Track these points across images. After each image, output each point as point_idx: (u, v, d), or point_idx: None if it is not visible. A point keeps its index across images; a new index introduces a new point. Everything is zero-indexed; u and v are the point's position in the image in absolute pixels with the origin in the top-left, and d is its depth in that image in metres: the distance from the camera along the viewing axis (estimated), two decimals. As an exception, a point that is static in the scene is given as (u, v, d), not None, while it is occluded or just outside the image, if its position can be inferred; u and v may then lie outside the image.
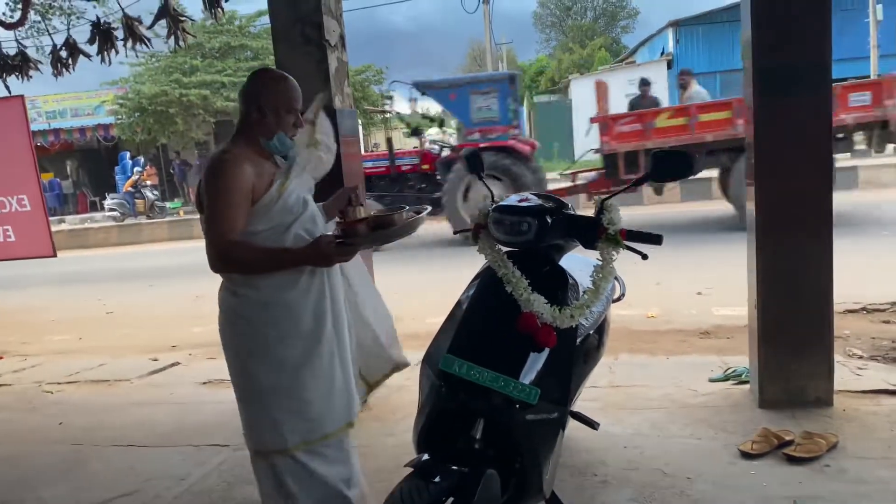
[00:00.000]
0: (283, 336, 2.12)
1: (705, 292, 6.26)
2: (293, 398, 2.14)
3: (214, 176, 2.06)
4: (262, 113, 2.14)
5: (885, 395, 3.48)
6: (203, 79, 20.96)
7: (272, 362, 2.13)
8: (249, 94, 2.16)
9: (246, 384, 2.18)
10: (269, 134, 2.16)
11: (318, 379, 2.17)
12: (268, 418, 2.15)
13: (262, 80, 2.19)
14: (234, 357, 2.19)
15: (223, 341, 2.22)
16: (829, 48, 3.18)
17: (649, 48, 30.09)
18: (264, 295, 2.11)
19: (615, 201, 2.19)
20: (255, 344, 2.13)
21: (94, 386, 5.00)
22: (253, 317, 2.13)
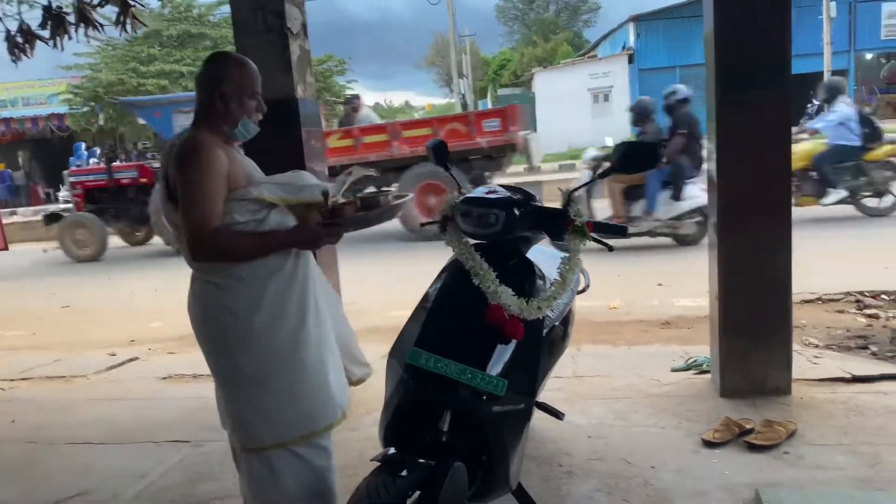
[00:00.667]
0: (271, 325, 2.05)
1: (666, 283, 6.34)
2: (286, 391, 2.07)
3: (188, 162, 1.97)
4: (224, 101, 2.07)
5: (841, 383, 3.57)
6: (161, 68, 20.56)
7: (260, 353, 2.05)
8: (208, 81, 2.09)
9: (234, 379, 2.10)
10: (233, 122, 2.10)
11: (310, 369, 2.11)
12: (262, 414, 2.07)
13: (220, 65, 2.11)
14: (217, 352, 2.10)
15: (204, 337, 2.13)
16: (788, 46, 3.23)
17: (611, 42, 30.39)
18: (249, 285, 2.04)
19: (582, 193, 2.20)
20: (242, 336, 2.05)
21: (48, 382, 4.86)
22: (238, 308, 2.04)
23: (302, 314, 2.10)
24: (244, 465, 2.19)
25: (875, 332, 4.55)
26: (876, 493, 2.51)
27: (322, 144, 4.17)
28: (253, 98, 2.13)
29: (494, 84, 39.85)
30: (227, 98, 2.07)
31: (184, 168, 1.98)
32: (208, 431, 3.57)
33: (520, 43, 48.74)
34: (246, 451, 2.15)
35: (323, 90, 23.21)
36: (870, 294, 5.39)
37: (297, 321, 2.09)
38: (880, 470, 2.69)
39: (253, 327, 2.04)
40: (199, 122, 2.10)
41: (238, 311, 2.04)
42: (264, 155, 2.48)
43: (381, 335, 5.33)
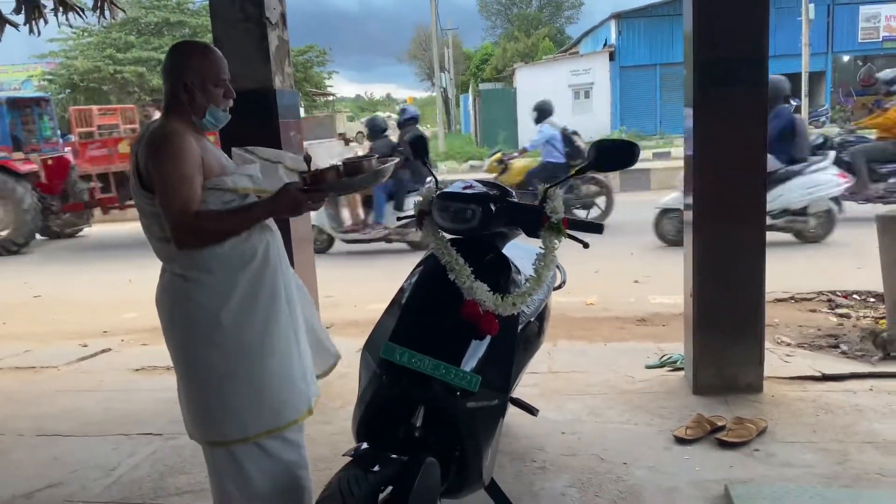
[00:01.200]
0: (239, 320, 2.02)
1: (642, 280, 6.39)
2: (253, 385, 2.05)
3: (161, 151, 1.94)
4: (188, 91, 2.04)
5: (811, 381, 3.62)
6: (139, 55, 20.30)
7: (228, 346, 2.02)
8: (172, 72, 2.05)
9: (200, 374, 2.06)
10: (200, 112, 2.07)
11: (277, 363, 2.08)
12: (227, 407, 2.04)
13: (183, 55, 2.08)
14: (183, 346, 2.07)
15: (170, 329, 2.10)
16: (766, 44, 3.26)
17: (592, 39, 30.50)
18: (218, 278, 2.01)
19: (559, 190, 2.20)
20: (209, 330, 2.02)
21: (18, 373, 4.78)
22: (206, 301, 2.01)
23: (271, 308, 2.08)
24: (209, 459, 2.16)
25: (846, 331, 4.62)
26: (843, 491, 2.55)
27: (300, 135, 4.14)
28: (219, 86, 2.08)
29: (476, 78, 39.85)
30: (191, 88, 2.04)
31: (157, 157, 1.95)
32: (180, 424, 3.45)
33: (502, 38, 48.72)
34: (210, 444, 2.12)
35: (303, 81, 23.05)
36: (841, 294, 5.47)
37: (265, 315, 2.06)
38: (848, 468, 2.73)
39: (221, 321, 2.01)
40: (169, 113, 2.07)
41: (206, 305, 2.02)
42: (241, 144, 2.45)
43: (358, 329, 5.32)
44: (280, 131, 3.71)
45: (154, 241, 2.08)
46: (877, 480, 2.63)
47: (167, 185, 1.93)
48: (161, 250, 2.07)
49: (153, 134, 2.00)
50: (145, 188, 2.00)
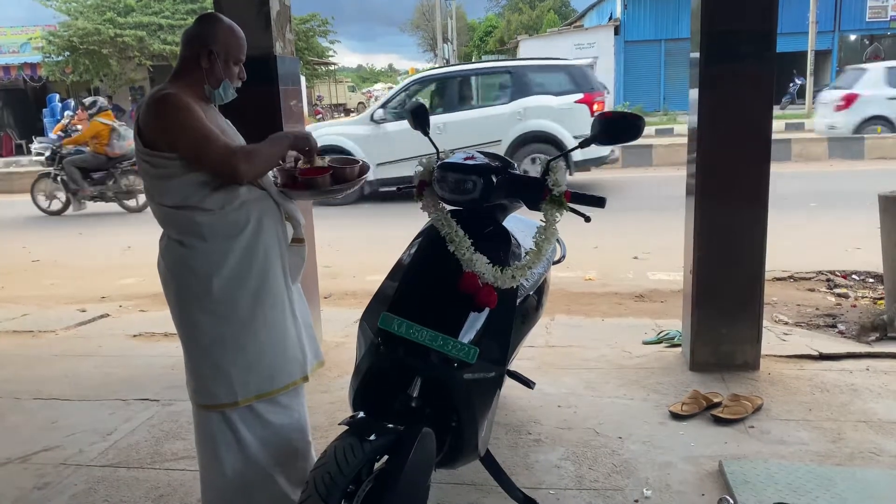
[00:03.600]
0: (230, 287, 2.05)
1: (641, 257, 6.38)
2: (243, 349, 2.07)
3: (176, 110, 1.97)
4: (210, 59, 2.08)
5: (808, 359, 3.62)
6: (139, 20, 20.04)
7: (219, 313, 2.05)
8: (199, 38, 2.08)
9: (192, 337, 2.10)
10: (216, 82, 2.11)
11: (270, 329, 2.11)
12: (217, 371, 2.08)
13: (215, 26, 2.11)
14: (179, 309, 2.11)
15: (167, 294, 2.14)
16: (775, 18, 3.21)
17: (598, 13, 30.12)
18: (211, 244, 2.03)
19: (561, 162, 2.17)
20: (202, 294, 2.05)
21: (16, 337, 4.79)
22: (199, 267, 2.04)
23: (263, 275, 2.09)
24: (199, 422, 2.18)
25: (844, 311, 4.62)
26: (836, 469, 2.56)
27: (300, 103, 4.09)
28: (237, 64, 2.15)
29: (479, 50, 39.46)
30: (215, 57, 2.08)
31: (171, 119, 1.97)
32: (177, 390, 3.54)
33: (506, 9, 48.16)
34: (203, 407, 2.14)
35: (304, 50, 22.81)
36: (840, 273, 5.47)
37: (258, 282, 2.08)
38: (842, 446, 2.74)
39: (212, 288, 2.03)
40: (178, 78, 2.09)
41: (199, 271, 2.04)
42: (241, 112, 2.44)
43: (356, 299, 5.33)
44: (280, 98, 3.67)
45: (153, 204, 2.10)
46: (870, 459, 2.64)
47: (196, 140, 1.97)
48: (159, 214, 2.10)
49: (157, 96, 2.01)
50: (147, 146, 2.01)
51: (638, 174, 12.24)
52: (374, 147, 9.92)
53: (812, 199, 8.72)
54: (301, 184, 2.16)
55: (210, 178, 2.01)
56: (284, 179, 2.20)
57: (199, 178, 2.00)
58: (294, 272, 2.23)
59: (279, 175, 2.22)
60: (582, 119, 9.33)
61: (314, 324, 2.63)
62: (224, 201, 2.03)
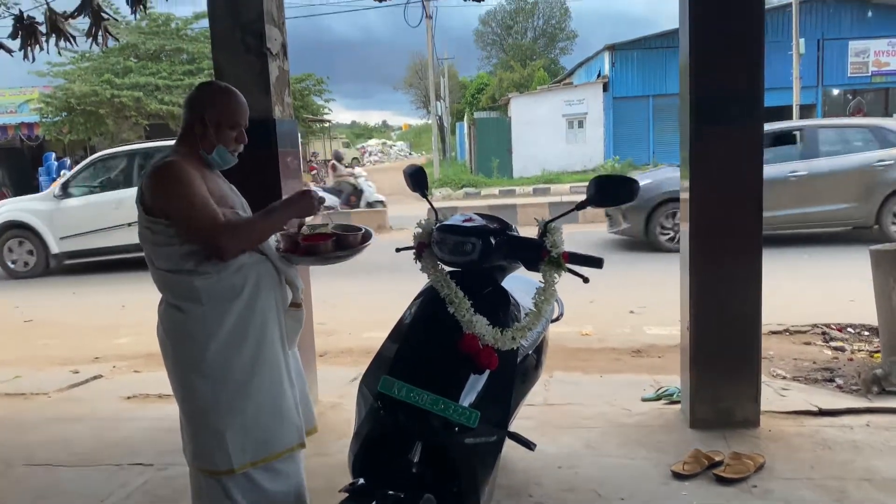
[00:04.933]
0: (228, 350, 2.05)
1: (637, 311, 6.39)
2: (240, 414, 2.07)
3: (167, 178, 2.02)
4: (203, 126, 2.13)
5: (808, 415, 3.60)
6: (136, 80, 20.33)
7: (215, 377, 2.05)
8: (193, 106, 2.15)
9: (190, 401, 2.10)
10: (209, 147, 2.15)
11: (266, 394, 2.11)
12: (214, 436, 2.07)
13: (206, 92, 2.18)
14: (176, 374, 2.12)
15: (165, 358, 2.15)
16: (761, 81, 3.30)
17: (586, 70, 30.80)
18: (209, 309, 2.05)
19: (559, 224, 2.20)
20: (198, 359, 2.05)
21: (8, 400, 4.73)
22: (196, 331, 2.06)
23: (260, 339, 2.11)
24: (194, 482, 2.17)
25: (841, 364, 4.62)
26: (842, 529, 2.53)
27: (298, 163, 4.15)
28: (234, 129, 2.17)
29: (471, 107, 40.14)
30: (206, 123, 2.12)
31: (165, 185, 2.02)
32: (173, 455, 3.48)
33: (497, 67, 49.24)
34: (200, 470, 2.13)
35: (300, 108, 23.15)
36: (836, 326, 5.48)
37: (255, 346, 2.09)
38: (846, 505, 2.71)
39: (209, 354, 2.04)
40: (180, 144, 2.16)
41: (196, 336, 2.06)
42: (241, 174, 2.46)
43: (352, 357, 5.30)
44: (279, 160, 3.73)
45: (152, 269, 2.13)
46: (875, 518, 2.62)
47: (186, 209, 2.00)
48: (157, 278, 2.13)
49: (158, 164, 2.06)
50: (148, 213, 2.05)
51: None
52: (58, 221, 10.55)
53: (804, 250, 8.79)
54: (303, 249, 2.19)
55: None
56: (287, 245, 2.22)
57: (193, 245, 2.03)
58: (291, 337, 2.24)
59: (281, 240, 2.24)
60: None
61: (310, 383, 2.63)
62: (221, 265, 2.05)
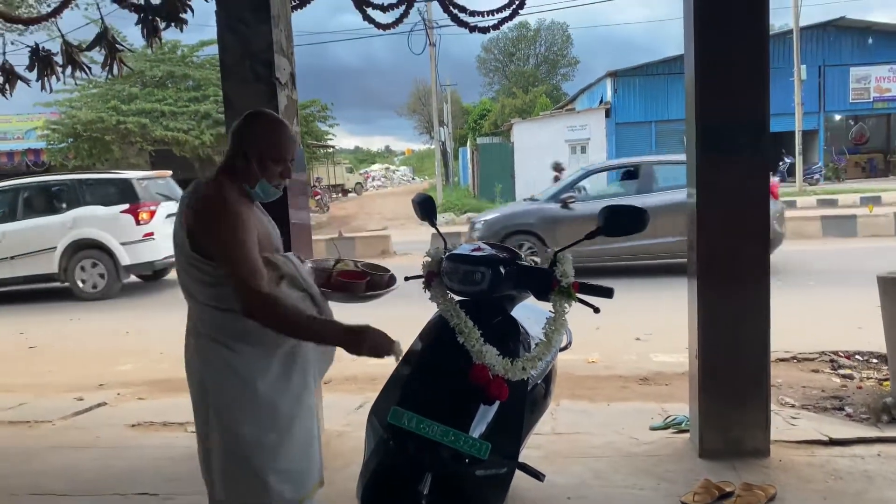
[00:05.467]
0: (275, 391, 2.01)
1: (644, 338, 6.36)
2: (282, 457, 2.03)
3: (219, 218, 1.93)
4: (246, 160, 2.03)
5: (819, 445, 3.57)
6: (142, 107, 20.53)
7: (261, 419, 2.00)
8: (237, 135, 2.06)
9: (230, 442, 2.01)
10: (251, 181, 2.05)
11: (304, 434, 2.08)
12: (255, 478, 2.00)
13: (252, 124, 2.07)
14: (217, 412, 2.02)
15: (201, 395, 2.05)
16: (766, 109, 3.32)
17: (588, 96, 31.06)
18: (258, 348, 1.99)
19: (568, 254, 2.21)
20: (246, 401, 1.99)
21: (11, 428, 4.70)
22: (245, 371, 1.99)
23: (301, 381, 2.09)
24: None
25: (850, 392, 4.59)
26: (857, 562, 2.49)
27: (305, 191, 4.17)
28: (279, 163, 2.07)
29: (474, 132, 40.42)
30: (249, 157, 2.03)
31: (216, 225, 1.93)
32: (177, 483, 3.47)
33: (499, 94, 49.68)
34: None
35: (305, 134, 23.32)
36: (844, 354, 5.45)
37: (298, 388, 2.07)
38: (860, 537, 2.68)
39: (259, 394, 1.99)
40: (223, 172, 2.07)
41: (245, 375, 1.99)
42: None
43: (357, 385, 5.27)
44: (287, 186, 3.73)
45: (193, 303, 2.04)
46: (890, 551, 2.58)
47: (231, 255, 1.91)
48: (201, 313, 2.03)
49: (208, 198, 1.97)
50: (195, 250, 1.97)
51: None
52: None
53: (810, 277, 8.77)
54: (340, 286, 2.19)
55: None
56: (320, 279, 2.22)
57: None
58: (321, 373, 2.21)
59: (314, 273, 2.23)
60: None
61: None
62: None
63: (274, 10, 3.65)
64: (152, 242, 10.72)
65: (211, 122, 20.48)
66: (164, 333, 7.54)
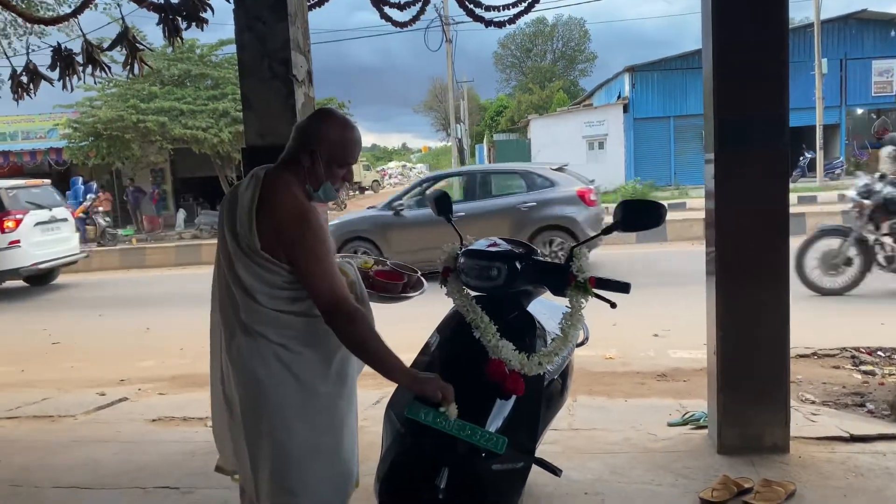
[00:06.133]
0: (332, 392, 2.03)
1: (662, 334, 6.33)
2: (334, 463, 2.04)
3: (304, 226, 1.89)
4: (313, 161, 1.98)
5: (839, 441, 3.53)
6: (161, 105, 20.69)
7: (318, 422, 2.00)
8: (306, 135, 2.01)
9: (283, 445, 1.98)
10: (316, 183, 2.00)
11: (351, 436, 2.10)
12: (305, 485, 2.00)
13: (324, 125, 2.01)
14: (271, 415, 1.97)
15: (256, 396, 1.98)
16: (786, 103, 3.29)
17: (606, 91, 30.88)
18: (317, 351, 1.99)
19: (585, 249, 2.20)
20: (302, 402, 1.97)
21: (35, 422, 4.78)
22: (305, 374, 1.97)
23: (353, 383, 2.11)
24: None
25: (871, 389, 4.54)
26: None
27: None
28: (343, 167, 2.04)
29: (491, 129, 40.36)
30: (316, 158, 1.98)
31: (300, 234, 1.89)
32: (197, 478, 3.50)
33: (516, 90, 49.52)
34: None
35: (322, 131, 23.35)
36: (865, 350, 5.39)
37: (350, 390, 2.09)
38: (881, 534, 2.65)
39: (318, 396, 1.99)
40: (286, 168, 2.02)
41: (304, 378, 1.97)
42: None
43: (376, 380, 5.26)
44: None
45: (250, 303, 1.96)
46: (912, 549, 2.55)
47: (316, 269, 1.90)
48: (259, 315, 1.97)
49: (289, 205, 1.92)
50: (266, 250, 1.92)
51: (653, 249, 12.26)
52: None
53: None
54: (380, 286, 2.20)
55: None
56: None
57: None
58: (358, 373, 2.22)
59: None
60: None
61: None
62: None
63: (291, 8, 3.66)
64: (18, 250, 11.18)
65: (229, 120, 20.61)
66: (182, 330, 7.63)
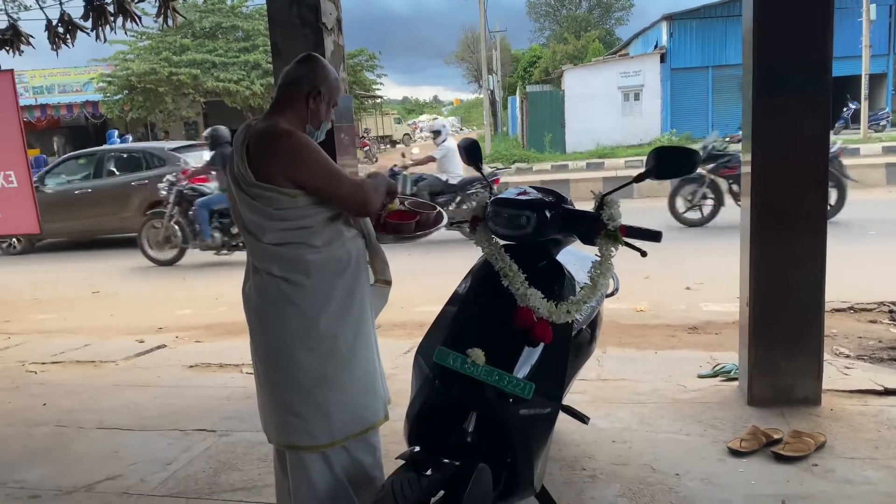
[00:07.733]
0: (335, 324, 2.06)
1: (694, 287, 6.28)
2: (343, 389, 2.08)
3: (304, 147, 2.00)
4: (316, 101, 2.12)
5: (873, 395, 3.50)
6: (193, 58, 20.76)
7: (323, 351, 2.05)
8: (307, 77, 2.11)
9: (292, 376, 2.07)
10: (317, 122, 2.16)
11: (365, 367, 2.14)
12: (318, 410, 2.07)
13: (321, 68, 2.15)
14: (278, 348, 2.08)
15: (262, 331, 2.10)
16: (830, 47, 3.17)
17: (643, 41, 30.06)
18: (317, 281, 2.04)
19: (615, 197, 2.18)
20: (307, 335, 2.04)
21: (78, 367, 4.95)
22: (305, 305, 2.04)
23: (361, 312, 2.13)
24: (293, 464, 2.16)
25: (908, 343, 4.47)
26: (907, 510, 2.46)
27: (353, 139, 4.18)
28: (334, 107, 2.21)
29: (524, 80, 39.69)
30: (320, 99, 2.12)
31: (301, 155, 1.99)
32: (233, 421, 3.62)
33: (551, 40, 48.46)
34: (296, 449, 2.12)
35: (353, 84, 23.29)
36: (904, 304, 5.29)
37: (357, 322, 2.11)
38: (912, 486, 2.64)
39: (319, 327, 2.04)
40: (282, 114, 2.09)
41: (306, 309, 2.04)
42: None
43: (405, 330, 5.36)
44: (335, 135, 3.75)
45: (254, 243, 2.08)
46: (943, 501, 2.54)
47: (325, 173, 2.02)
48: (261, 252, 2.07)
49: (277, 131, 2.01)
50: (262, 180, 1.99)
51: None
52: None
53: (871, 227, 8.48)
54: (391, 227, 2.22)
55: (318, 216, 2.04)
56: (372, 222, 2.25)
57: (310, 215, 2.02)
58: (376, 312, 2.25)
59: None
60: None
61: None
62: (331, 238, 2.06)
63: (320, -46, 3.61)
64: None
65: (261, 73, 20.63)
66: (219, 281, 7.78)
